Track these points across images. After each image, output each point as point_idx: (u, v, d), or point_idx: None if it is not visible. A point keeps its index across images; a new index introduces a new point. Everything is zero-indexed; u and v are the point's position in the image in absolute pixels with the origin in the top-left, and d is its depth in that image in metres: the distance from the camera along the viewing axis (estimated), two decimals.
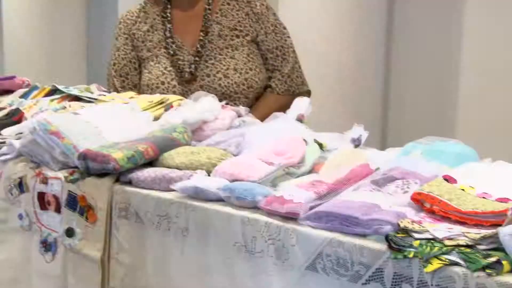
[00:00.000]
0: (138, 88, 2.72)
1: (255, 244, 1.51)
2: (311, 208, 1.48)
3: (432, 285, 1.23)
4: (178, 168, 1.80)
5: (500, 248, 1.21)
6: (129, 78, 2.74)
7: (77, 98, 2.39)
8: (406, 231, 1.32)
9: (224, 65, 2.60)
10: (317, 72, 3.51)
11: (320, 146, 1.88)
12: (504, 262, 1.17)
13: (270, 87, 2.69)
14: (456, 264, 1.21)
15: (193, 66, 2.61)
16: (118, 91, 2.68)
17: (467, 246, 1.24)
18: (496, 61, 3.50)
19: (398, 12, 4.05)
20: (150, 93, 2.58)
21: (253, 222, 1.51)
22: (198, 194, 1.65)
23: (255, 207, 1.56)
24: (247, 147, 1.92)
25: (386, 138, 4.19)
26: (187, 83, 2.61)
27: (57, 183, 1.89)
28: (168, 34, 2.66)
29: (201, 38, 2.63)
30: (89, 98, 2.38)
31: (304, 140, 1.89)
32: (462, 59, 3.67)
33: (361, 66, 3.86)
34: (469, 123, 3.68)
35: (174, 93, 2.58)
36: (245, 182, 1.64)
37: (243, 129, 2.05)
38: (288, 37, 2.73)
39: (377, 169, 1.66)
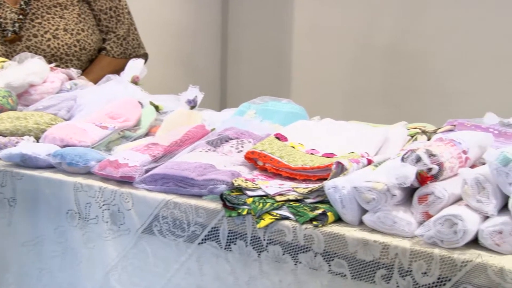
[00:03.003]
0: None
1: (89, 210, 1.46)
2: (147, 171, 1.47)
3: (264, 239, 1.27)
4: (2, 134, 1.68)
5: (325, 201, 1.28)
6: None
7: None
8: (240, 189, 1.35)
9: (53, 25, 2.45)
10: (155, 34, 3.44)
11: (156, 108, 1.86)
12: (329, 214, 1.24)
13: (105, 49, 2.59)
14: (287, 218, 1.26)
15: (17, 25, 2.42)
16: None
17: (296, 200, 1.30)
18: (326, 23, 3.67)
19: None
20: None
21: (87, 188, 1.46)
22: (26, 162, 1.56)
23: (88, 173, 1.51)
24: (79, 111, 1.85)
25: (225, 99, 4.25)
26: (11, 44, 2.42)
27: None
28: None
29: None
30: None
31: (140, 102, 1.86)
32: (295, 21, 3.80)
33: (199, 28, 3.85)
34: (302, 82, 3.84)
35: None
36: (77, 147, 1.58)
37: (75, 92, 1.96)
38: None
39: (213, 129, 1.68)
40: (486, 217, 1.11)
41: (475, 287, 1.04)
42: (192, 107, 1.84)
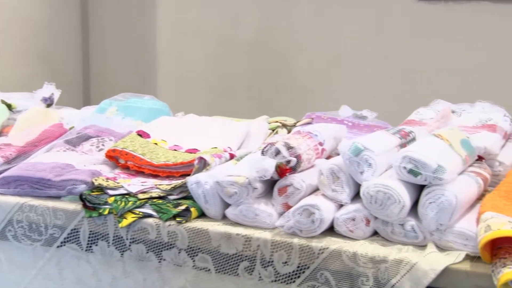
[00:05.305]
0: None
1: None
2: None
3: (127, 239, 1.25)
4: None
5: (189, 197, 1.28)
6: None
7: None
8: (101, 189, 1.31)
9: None
10: (5, 29, 3.24)
11: (9, 107, 1.76)
12: (192, 209, 1.24)
13: None
14: (150, 216, 1.25)
15: None
16: None
17: (160, 197, 1.29)
18: (189, 19, 3.66)
19: None
20: None
21: None
22: None
23: None
24: None
25: (89, 97, 4.10)
26: None
27: None
28: None
29: None
30: None
31: None
32: (158, 16, 3.75)
33: (56, 22, 3.68)
34: (168, 78, 3.80)
35: None
36: None
37: None
38: None
39: (71, 128, 1.62)
40: (341, 205, 1.16)
41: (331, 272, 1.10)
42: (49, 105, 1.75)
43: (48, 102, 1.74)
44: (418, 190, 1.11)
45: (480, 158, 1.27)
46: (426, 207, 1.08)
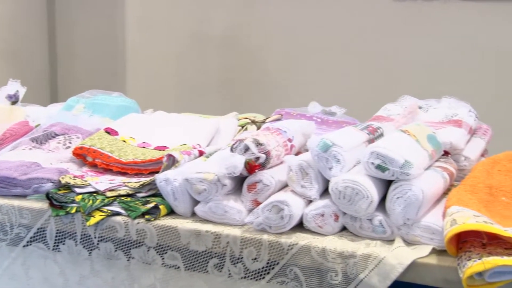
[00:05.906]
0: None
1: None
2: None
3: (95, 237, 1.23)
4: None
5: (158, 194, 1.27)
6: None
7: None
8: (68, 187, 1.30)
9: None
10: None
11: None
12: (161, 207, 1.23)
13: None
14: (118, 214, 1.23)
15: None
16: None
17: (128, 195, 1.28)
18: (158, 15, 3.64)
19: None
20: None
21: None
22: None
23: None
24: None
25: (56, 94, 4.05)
26: None
27: None
28: None
29: None
30: None
31: None
32: (127, 11, 3.72)
33: (20, 18, 3.62)
34: (137, 75, 3.77)
35: None
36: None
37: None
38: None
39: (37, 125, 1.60)
40: (310, 201, 1.17)
41: (300, 268, 1.10)
42: (14, 103, 1.72)
43: (13, 100, 1.71)
44: (386, 185, 1.12)
45: (446, 153, 1.29)
46: (394, 202, 1.09)
